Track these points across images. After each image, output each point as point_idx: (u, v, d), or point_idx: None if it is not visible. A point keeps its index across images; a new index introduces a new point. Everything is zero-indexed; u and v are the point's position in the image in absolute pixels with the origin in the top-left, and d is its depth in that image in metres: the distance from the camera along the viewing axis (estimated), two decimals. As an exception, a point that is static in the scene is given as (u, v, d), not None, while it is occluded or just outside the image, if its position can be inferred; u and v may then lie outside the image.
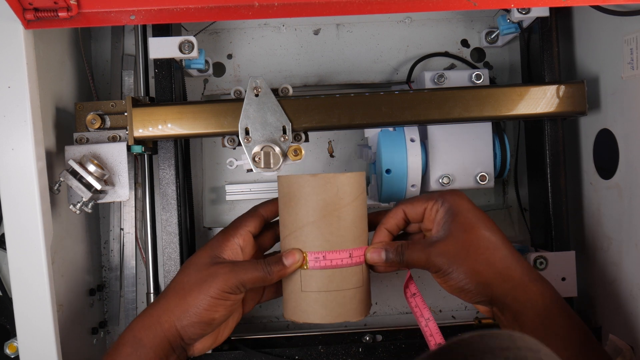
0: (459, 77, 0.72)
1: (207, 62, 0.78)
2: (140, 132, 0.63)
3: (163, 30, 0.68)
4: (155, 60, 0.67)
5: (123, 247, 0.79)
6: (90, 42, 0.80)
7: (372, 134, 0.73)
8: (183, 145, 0.73)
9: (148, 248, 0.74)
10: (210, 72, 0.80)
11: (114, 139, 0.64)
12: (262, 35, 0.81)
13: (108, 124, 0.65)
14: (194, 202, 0.77)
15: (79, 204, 0.60)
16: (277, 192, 0.81)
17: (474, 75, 0.72)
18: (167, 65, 0.67)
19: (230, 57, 0.81)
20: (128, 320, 0.79)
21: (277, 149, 0.62)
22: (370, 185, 0.77)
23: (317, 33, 0.82)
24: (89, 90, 0.76)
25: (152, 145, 0.69)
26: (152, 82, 0.69)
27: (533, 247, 0.74)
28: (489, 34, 0.80)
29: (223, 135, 0.65)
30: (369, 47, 0.81)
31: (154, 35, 0.67)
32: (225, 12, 0.56)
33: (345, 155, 0.83)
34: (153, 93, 0.68)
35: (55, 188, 0.60)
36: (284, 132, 0.62)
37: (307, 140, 0.64)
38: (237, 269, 0.56)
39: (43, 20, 0.55)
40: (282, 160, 0.62)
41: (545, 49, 0.69)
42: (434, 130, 0.71)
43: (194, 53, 0.65)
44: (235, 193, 0.80)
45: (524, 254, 0.72)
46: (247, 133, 0.62)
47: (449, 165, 0.71)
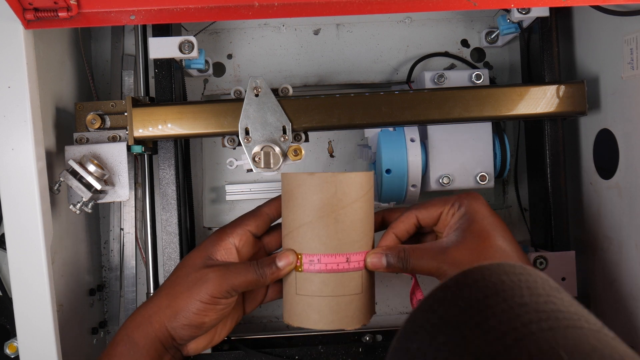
0: (459, 77, 0.72)
1: (207, 62, 0.78)
2: (140, 132, 0.63)
3: (163, 30, 0.68)
4: (155, 60, 0.67)
5: (123, 247, 0.79)
6: (90, 42, 0.80)
7: (372, 134, 0.73)
8: (183, 145, 0.73)
9: (148, 248, 0.74)
10: (210, 72, 0.80)
11: (114, 139, 0.64)
12: (262, 35, 0.81)
13: (108, 124, 0.65)
14: (194, 202, 0.77)
15: (79, 204, 0.60)
16: (277, 192, 0.81)
17: (474, 75, 0.72)
18: (167, 65, 0.67)
19: (230, 57, 0.81)
20: (128, 320, 0.79)
21: (277, 149, 0.62)
22: (370, 185, 0.77)
23: (317, 33, 0.82)
24: (89, 90, 0.76)
25: (152, 145, 0.69)
26: (152, 82, 0.69)
27: (533, 247, 0.74)
28: (489, 34, 0.80)
29: (223, 135, 0.65)
30: (369, 47, 0.81)
31: (154, 35, 0.67)
32: (225, 12, 0.56)
33: (345, 155, 0.83)
34: (153, 93, 0.68)
35: (55, 188, 0.60)
36: (284, 132, 0.62)
37: (307, 140, 0.64)
38: (227, 273, 0.54)
39: (43, 20, 0.55)
40: (282, 160, 0.62)
41: (545, 49, 0.69)
42: (434, 130, 0.71)
43: (194, 53, 0.65)
44: (235, 193, 0.80)
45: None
46: (247, 133, 0.62)
47: (449, 165, 0.71)
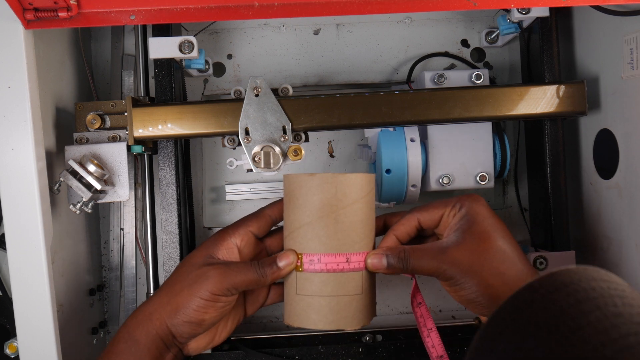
0: (459, 77, 0.72)
1: (207, 62, 0.78)
2: (140, 132, 0.63)
3: (163, 30, 0.68)
4: (155, 60, 0.67)
5: (123, 247, 0.79)
6: (90, 42, 0.80)
7: (372, 134, 0.73)
8: (183, 145, 0.73)
9: (148, 248, 0.74)
10: (210, 72, 0.80)
11: (114, 139, 0.64)
12: (262, 35, 0.81)
13: (108, 124, 0.65)
14: (194, 202, 0.77)
15: (79, 204, 0.60)
16: (277, 192, 0.81)
17: (474, 75, 0.72)
18: (167, 65, 0.67)
19: (230, 57, 0.81)
20: (128, 320, 0.79)
21: (277, 149, 0.62)
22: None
23: (317, 33, 0.82)
24: (89, 90, 0.76)
25: (152, 145, 0.69)
26: (152, 82, 0.69)
27: (533, 247, 0.74)
28: (489, 34, 0.80)
29: (223, 135, 0.65)
30: (369, 47, 0.81)
31: (154, 35, 0.67)
32: (225, 12, 0.56)
33: (345, 155, 0.83)
34: (153, 93, 0.68)
35: (55, 188, 0.60)
36: (284, 132, 0.62)
37: (307, 140, 0.64)
38: (228, 271, 0.54)
39: (43, 20, 0.55)
40: (282, 160, 0.62)
41: (545, 49, 0.69)
42: (434, 130, 0.71)
43: (194, 53, 0.65)
44: (235, 193, 0.80)
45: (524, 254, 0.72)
46: (247, 133, 0.62)
47: (449, 165, 0.71)
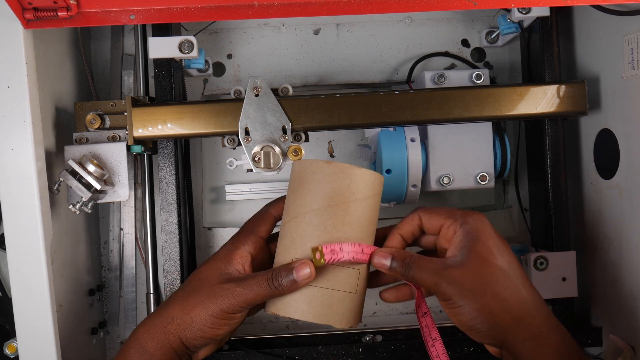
0: (459, 77, 0.72)
1: (207, 62, 0.78)
2: (140, 132, 0.63)
3: (163, 30, 0.68)
4: (155, 60, 0.67)
5: (123, 247, 0.79)
6: (90, 42, 0.80)
7: (372, 134, 0.73)
8: (183, 145, 0.73)
9: (148, 248, 0.74)
10: (210, 72, 0.80)
11: (114, 139, 0.64)
12: (262, 35, 0.81)
13: (108, 124, 0.65)
14: (194, 202, 0.77)
15: (79, 204, 0.60)
16: (277, 192, 0.81)
17: (474, 75, 0.72)
18: (167, 65, 0.67)
19: (230, 57, 0.81)
20: (128, 321, 0.79)
21: (277, 149, 0.62)
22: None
23: (317, 33, 0.82)
24: (89, 90, 0.76)
25: (151, 145, 0.69)
26: (152, 82, 0.69)
27: (533, 247, 0.74)
28: (489, 34, 0.80)
29: (223, 135, 0.65)
30: (369, 47, 0.81)
31: (154, 35, 0.67)
32: (225, 12, 0.56)
33: (345, 155, 0.83)
34: (153, 93, 0.68)
35: (55, 188, 0.59)
36: (284, 132, 0.62)
37: (307, 140, 0.64)
38: (242, 289, 0.52)
39: (42, 20, 0.55)
40: (282, 160, 0.62)
41: (546, 49, 0.69)
42: (434, 130, 0.71)
43: (194, 53, 0.65)
44: (235, 193, 0.80)
45: (524, 254, 0.72)
46: (247, 133, 0.62)
47: (449, 165, 0.71)
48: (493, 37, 0.80)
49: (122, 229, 0.78)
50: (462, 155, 0.71)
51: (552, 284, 0.68)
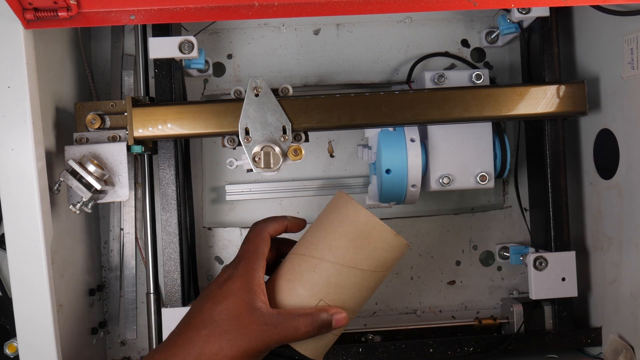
0: (459, 77, 0.72)
1: (207, 62, 0.78)
2: (140, 132, 0.63)
3: (163, 30, 0.68)
4: (155, 60, 0.67)
5: (123, 247, 0.79)
6: (90, 42, 0.80)
7: (372, 134, 0.73)
8: (183, 145, 0.73)
9: (148, 248, 0.74)
10: (210, 72, 0.80)
11: (114, 139, 0.64)
12: (262, 35, 0.81)
13: (108, 124, 0.65)
14: (194, 202, 0.77)
15: (79, 204, 0.60)
16: (277, 192, 0.81)
17: (474, 75, 0.72)
18: (167, 65, 0.67)
19: (230, 57, 0.81)
20: (128, 321, 0.79)
21: (277, 149, 0.62)
22: (370, 185, 0.77)
23: (317, 33, 0.82)
24: (89, 90, 0.76)
25: (152, 145, 0.69)
26: (152, 82, 0.69)
27: (533, 247, 0.74)
28: (489, 34, 0.80)
29: (223, 135, 0.65)
30: (369, 47, 0.81)
31: (154, 35, 0.67)
32: (225, 12, 0.56)
33: (345, 155, 0.83)
34: (153, 93, 0.68)
35: (55, 188, 0.59)
36: (284, 132, 0.62)
37: (307, 140, 0.64)
38: (280, 331, 0.51)
39: (43, 20, 0.55)
40: (282, 160, 0.62)
41: (546, 49, 0.69)
42: (434, 130, 0.71)
43: (194, 53, 0.65)
44: (235, 193, 0.80)
45: (524, 254, 0.73)
46: (247, 133, 0.62)
47: (449, 165, 0.71)
48: (493, 37, 0.80)
49: (122, 229, 0.78)
50: (462, 156, 0.71)
51: (551, 284, 0.68)
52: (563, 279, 0.68)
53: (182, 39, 0.65)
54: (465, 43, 0.82)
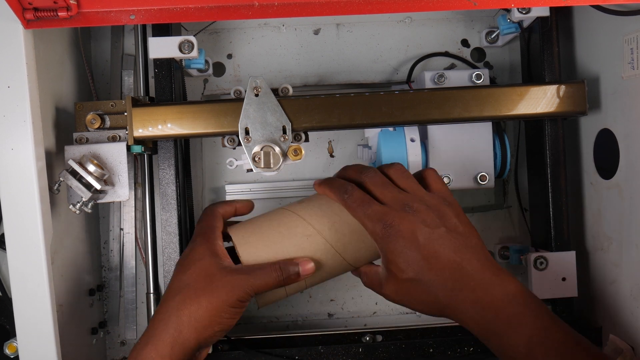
0: (459, 77, 0.72)
1: (207, 62, 0.78)
2: (140, 132, 0.63)
3: (163, 30, 0.68)
4: (155, 60, 0.67)
5: (123, 247, 0.79)
6: (90, 42, 0.80)
7: (372, 134, 0.73)
8: (183, 145, 0.73)
9: (148, 248, 0.74)
10: (210, 72, 0.80)
11: (114, 139, 0.64)
12: (262, 35, 0.81)
13: (108, 124, 0.65)
14: (194, 202, 0.77)
15: (79, 204, 0.60)
16: (277, 192, 0.81)
17: (474, 75, 0.72)
18: (167, 65, 0.67)
19: (230, 57, 0.81)
20: (128, 321, 0.79)
21: (277, 149, 0.62)
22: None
23: (317, 33, 0.82)
24: (89, 90, 0.76)
25: (152, 145, 0.69)
26: (152, 82, 0.69)
27: (533, 247, 0.74)
28: (489, 34, 0.80)
29: (223, 135, 0.65)
30: (369, 47, 0.81)
31: (154, 35, 0.67)
32: (225, 12, 0.56)
33: (345, 155, 0.83)
34: (153, 93, 0.68)
35: (55, 188, 0.59)
36: (284, 132, 0.62)
37: (307, 140, 0.64)
38: (252, 280, 0.55)
39: (43, 20, 0.55)
40: (282, 160, 0.62)
41: (546, 49, 0.69)
42: (434, 130, 0.71)
43: (194, 53, 0.65)
44: (235, 193, 0.80)
45: (524, 254, 0.72)
46: (247, 133, 0.62)
47: (449, 165, 0.71)
48: (493, 37, 0.80)
49: (122, 229, 0.78)
50: (462, 156, 0.71)
51: (552, 284, 0.68)
52: (563, 279, 0.68)
53: (182, 39, 0.65)
54: (465, 43, 0.82)
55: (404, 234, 0.54)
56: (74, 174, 0.59)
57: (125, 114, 0.64)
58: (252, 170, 0.62)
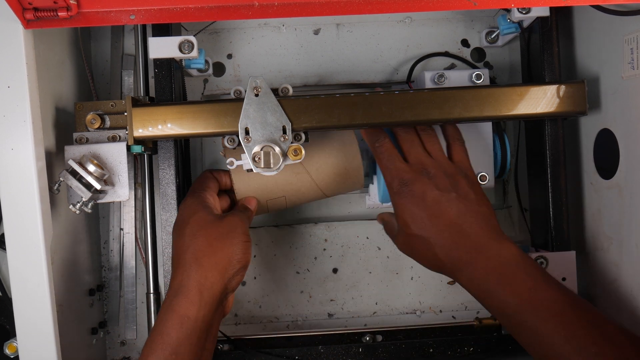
0: (459, 77, 0.72)
1: (207, 62, 0.78)
2: (140, 132, 0.63)
3: (163, 30, 0.68)
4: (155, 60, 0.67)
5: (123, 247, 0.79)
6: (90, 42, 0.80)
7: (372, 134, 0.73)
8: (183, 145, 0.73)
9: (148, 248, 0.74)
10: (210, 72, 0.80)
11: (114, 139, 0.64)
12: (262, 35, 0.81)
13: (108, 124, 0.65)
14: (194, 202, 0.77)
15: (79, 204, 0.60)
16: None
17: (474, 75, 0.72)
18: (167, 65, 0.67)
19: (230, 57, 0.81)
20: (128, 321, 0.79)
21: (277, 149, 0.62)
22: (371, 185, 0.77)
23: (317, 33, 0.82)
24: (89, 90, 0.76)
25: (152, 145, 0.69)
26: (152, 82, 0.69)
27: (533, 247, 0.74)
28: (489, 34, 0.80)
29: (223, 135, 0.65)
30: (369, 47, 0.81)
31: (154, 35, 0.67)
32: (225, 12, 0.56)
33: (345, 155, 0.82)
34: (153, 93, 0.68)
35: (55, 188, 0.59)
36: (284, 132, 0.62)
37: (307, 141, 0.64)
38: (243, 215, 0.64)
39: (43, 20, 0.55)
40: (282, 160, 0.62)
41: (546, 49, 0.69)
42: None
43: (194, 53, 0.65)
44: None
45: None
46: (247, 133, 0.62)
47: (449, 165, 0.71)
48: (493, 37, 0.80)
49: (122, 229, 0.78)
50: (462, 155, 0.71)
51: (552, 284, 0.68)
52: (563, 279, 0.68)
53: (182, 39, 0.65)
54: (465, 43, 0.82)
55: (415, 194, 0.60)
56: (74, 174, 0.59)
57: (125, 114, 0.64)
58: (252, 170, 0.62)
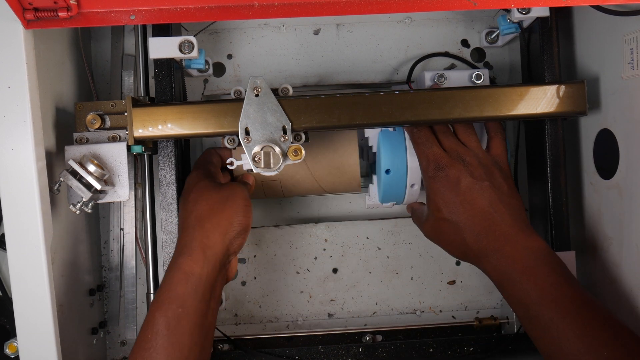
0: (459, 77, 0.72)
1: (207, 62, 0.78)
2: (140, 132, 0.63)
3: (163, 30, 0.68)
4: (155, 60, 0.67)
5: (123, 247, 0.79)
6: (90, 42, 0.80)
7: (372, 134, 0.73)
8: (183, 145, 0.73)
9: (148, 248, 0.74)
10: (210, 72, 0.80)
11: (114, 139, 0.64)
12: (262, 35, 0.81)
13: (108, 124, 0.65)
14: (194, 202, 0.77)
15: (79, 204, 0.60)
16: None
17: (474, 75, 0.72)
18: (167, 65, 0.67)
19: (230, 57, 0.81)
20: (128, 321, 0.79)
21: (277, 149, 0.62)
22: (371, 185, 0.77)
23: (317, 33, 0.82)
24: (89, 90, 0.76)
25: (152, 145, 0.69)
26: (152, 82, 0.69)
27: (533, 247, 0.74)
28: (489, 34, 0.80)
29: (223, 135, 0.65)
30: (369, 47, 0.81)
31: (154, 35, 0.67)
32: (225, 12, 0.56)
33: (345, 155, 0.82)
34: (153, 93, 0.68)
35: (55, 188, 0.60)
36: (284, 132, 0.62)
37: (307, 141, 0.64)
38: (242, 182, 0.68)
39: (43, 20, 0.55)
40: (282, 160, 0.62)
41: (546, 49, 0.69)
42: (434, 130, 0.71)
43: (194, 53, 0.65)
44: (235, 193, 0.80)
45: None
46: (247, 133, 0.62)
47: (449, 165, 0.71)
48: (493, 37, 0.80)
49: (122, 229, 0.78)
50: (462, 155, 0.71)
51: (552, 284, 0.68)
52: (563, 279, 0.68)
53: (182, 39, 0.65)
54: (465, 43, 0.82)
55: (450, 178, 0.62)
56: (74, 174, 0.59)
57: (126, 114, 0.64)
58: (252, 170, 0.62)
